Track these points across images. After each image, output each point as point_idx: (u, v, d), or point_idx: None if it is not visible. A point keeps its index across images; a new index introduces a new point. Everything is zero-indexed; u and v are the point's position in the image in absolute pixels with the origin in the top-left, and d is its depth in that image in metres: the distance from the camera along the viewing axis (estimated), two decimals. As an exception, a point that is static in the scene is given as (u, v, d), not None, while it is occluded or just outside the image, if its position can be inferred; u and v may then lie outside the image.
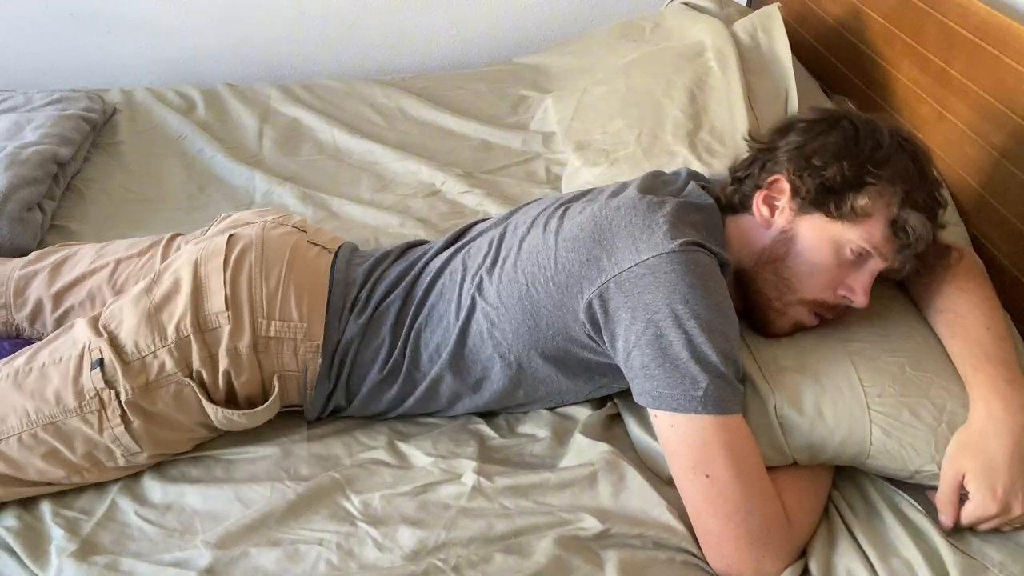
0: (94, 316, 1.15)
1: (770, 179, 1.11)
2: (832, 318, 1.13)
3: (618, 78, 1.82)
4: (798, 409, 1.05)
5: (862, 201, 1.05)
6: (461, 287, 1.17)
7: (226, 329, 1.12)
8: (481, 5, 2.31)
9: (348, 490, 1.09)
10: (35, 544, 1.04)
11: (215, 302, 1.13)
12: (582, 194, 1.22)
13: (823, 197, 1.07)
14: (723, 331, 1.00)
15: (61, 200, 1.67)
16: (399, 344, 1.17)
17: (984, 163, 1.34)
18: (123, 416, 1.08)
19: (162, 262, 1.27)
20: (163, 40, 2.22)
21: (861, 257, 1.07)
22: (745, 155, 1.20)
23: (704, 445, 0.98)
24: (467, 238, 1.26)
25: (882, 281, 1.13)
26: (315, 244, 1.25)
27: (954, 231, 1.36)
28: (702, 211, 1.13)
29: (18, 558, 1.02)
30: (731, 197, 1.16)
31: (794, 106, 1.59)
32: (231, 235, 1.20)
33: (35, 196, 1.57)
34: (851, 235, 1.07)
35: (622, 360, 1.05)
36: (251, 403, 1.17)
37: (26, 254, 1.37)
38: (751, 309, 1.15)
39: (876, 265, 1.08)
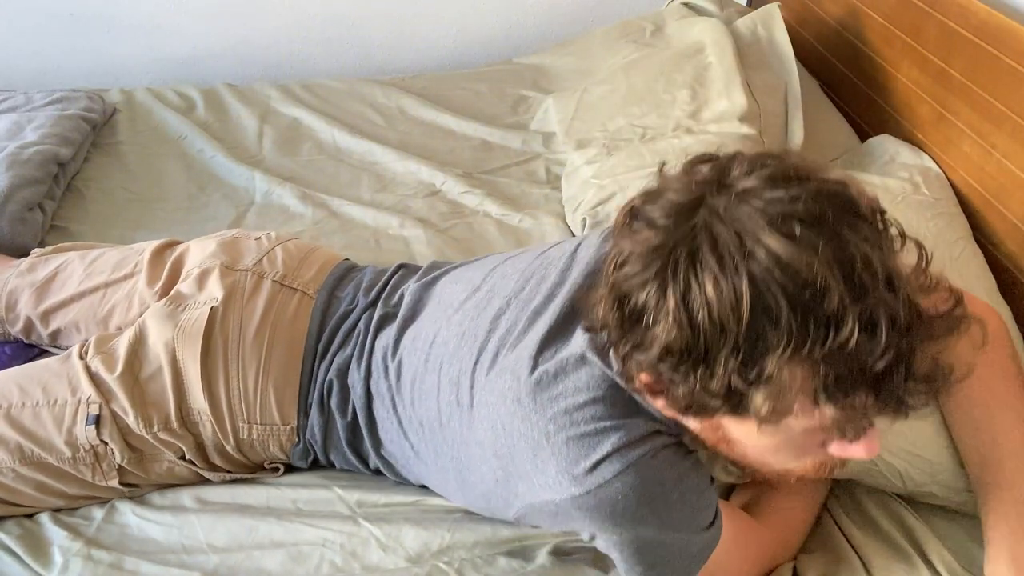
0: (87, 364, 1.09)
1: (639, 378, 0.78)
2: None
3: (618, 78, 1.82)
4: None
5: (765, 405, 0.69)
6: (388, 424, 1.06)
7: (210, 426, 1.07)
8: (481, 5, 2.31)
9: (352, 491, 1.09)
10: (37, 545, 1.04)
11: (196, 398, 1.07)
12: (515, 322, 0.97)
13: (714, 405, 0.72)
14: (662, 538, 0.85)
15: (61, 200, 1.67)
16: (358, 438, 1.10)
17: (984, 163, 1.35)
18: (119, 470, 1.07)
19: (147, 286, 1.21)
20: (163, 40, 2.22)
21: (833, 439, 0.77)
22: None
23: None
24: (403, 346, 1.07)
25: None
26: (296, 290, 1.15)
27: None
28: (604, 401, 0.85)
29: (20, 559, 1.02)
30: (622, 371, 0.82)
31: (796, 98, 1.59)
32: (212, 309, 1.10)
33: (36, 196, 1.57)
34: (796, 427, 0.73)
35: None
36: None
37: (27, 254, 1.37)
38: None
39: (870, 430, 0.76)
